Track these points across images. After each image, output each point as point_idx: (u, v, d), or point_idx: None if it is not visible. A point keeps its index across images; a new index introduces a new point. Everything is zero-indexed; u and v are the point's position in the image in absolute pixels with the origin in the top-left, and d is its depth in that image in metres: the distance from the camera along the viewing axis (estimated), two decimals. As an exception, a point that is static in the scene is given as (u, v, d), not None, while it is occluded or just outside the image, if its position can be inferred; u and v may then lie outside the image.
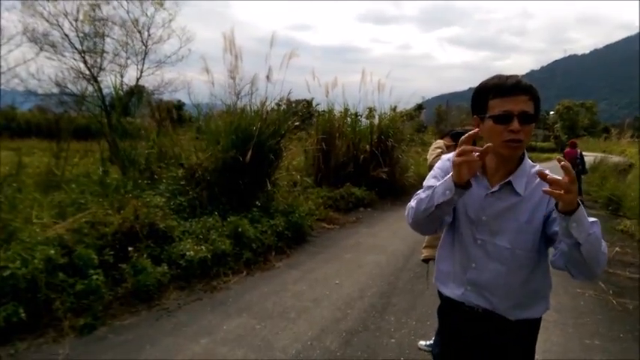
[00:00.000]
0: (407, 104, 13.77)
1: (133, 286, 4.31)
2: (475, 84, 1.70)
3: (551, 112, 62.07)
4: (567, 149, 12.90)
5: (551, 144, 47.23)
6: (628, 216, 9.16)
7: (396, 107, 12.79)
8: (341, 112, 11.66)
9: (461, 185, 1.50)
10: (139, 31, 11.43)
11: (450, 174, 1.52)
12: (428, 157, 4.50)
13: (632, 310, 4.64)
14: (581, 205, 1.36)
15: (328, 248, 6.79)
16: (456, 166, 1.47)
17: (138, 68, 11.53)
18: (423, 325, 4.10)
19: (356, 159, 11.07)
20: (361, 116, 12.31)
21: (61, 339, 3.58)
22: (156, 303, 4.37)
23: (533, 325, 1.72)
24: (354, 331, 3.97)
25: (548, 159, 34.89)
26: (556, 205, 1.38)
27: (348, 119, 11.84)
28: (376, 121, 12.05)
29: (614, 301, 4.84)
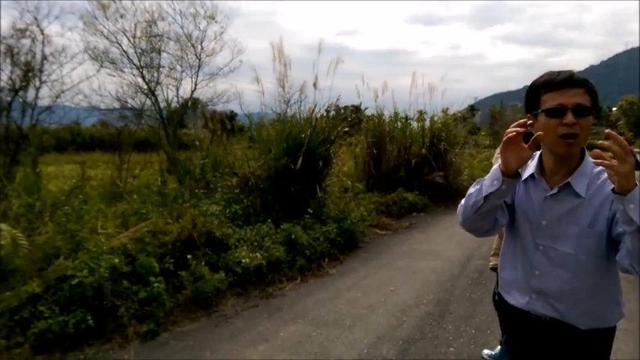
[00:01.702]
0: (460, 106, 13.48)
1: (192, 292, 4.44)
2: (530, 82, 1.65)
3: (614, 109, 58.81)
4: None
5: (614, 142, 44.63)
6: None
7: (447, 109, 12.56)
8: (391, 116, 11.57)
9: (509, 175, 1.46)
10: (193, 45, 11.80)
11: (498, 163, 1.47)
12: (493, 160, 4.35)
13: None
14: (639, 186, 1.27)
15: (381, 254, 6.72)
16: (502, 153, 1.44)
17: (192, 81, 11.91)
18: (482, 334, 3.97)
19: (407, 163, 10.92)
20: (412, 120, 12.16)
21: (126, 344, 3.73)
22: (214, 309, 4.48)
23: (606, 334, 1.62)
24: (411, 339, 3.91)
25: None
26: (612, 189, 1.31)
27: (399, 123, 11.72)
28: (427, 124, 11.86)
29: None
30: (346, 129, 8.36)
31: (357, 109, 14.85)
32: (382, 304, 4.71)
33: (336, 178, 8.25)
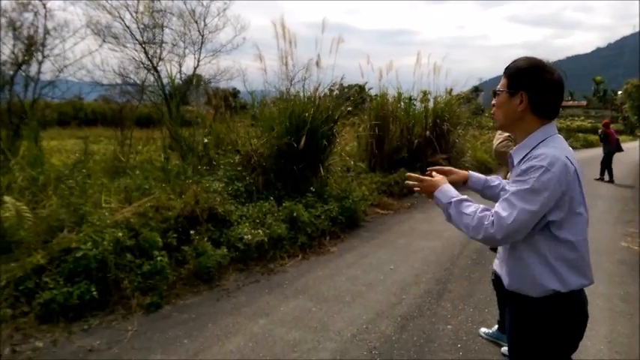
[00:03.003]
0: (463, 87, 13.37)
1: (194, 267, 4.50)
2: None
3: (619, 92, 58.24)
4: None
5: (619, 125, 44.28)
6: None
7: (451, 90, 12.46)
8: (394, 96, 11.49)
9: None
10: (196, 21, 11.68)
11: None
12: (494, 142, 4.34)
13: None
14: (436, 193, 1.79)
15: (382, 233, 6.77)
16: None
17: (195, 57, 11.81)
18: (480, 313, 4.03)
19: (410, 144, 10.89)
20: (415, 100, 12.08)
21: (129, 316, 3.81)
22: (216, 284, 4.55)
23: (527, 301, 1.71)
24: (410, 316, 3.97)
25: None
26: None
27: (402, 103, 11.65)
28: (431, 104, 11.79)
29: (689, 292, 4.55)
30: (350, 108, 8.32)
31: (361, 88, 14.76)
32: (382, 282, 4.77)
33: (338, 157, 8.25)
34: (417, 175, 1.90)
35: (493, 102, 1.80)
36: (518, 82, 1.69)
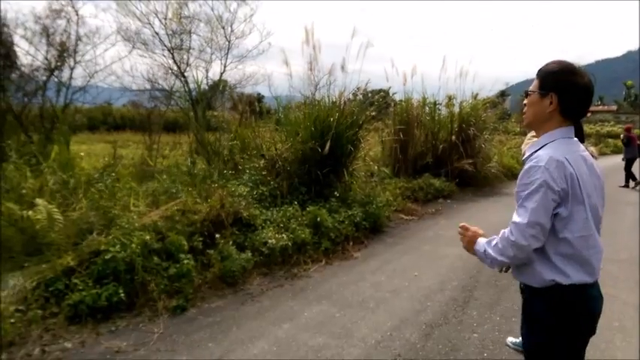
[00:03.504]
0: (490, 91, 13.20)
1: (219, 271, 4.55)
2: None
3: (650, 96, 56.62)
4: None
5: (651, 131, 43.04)
6: None
7: (477, 94, 12.31)
8: (419, 100, 11.41)
9: None
10: (223, 27, 11.82)
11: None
12: (523, 147, 4.26)
13: None
14: (478, 248, 1.85)
15: (406, 239, 6.71)
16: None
17: (222, 63, 11.95)
18: (507, 321, 3.94)
19: (435, 149, 10.81)
20: (440, 105, 11.98)
21: (155, 318, 3.86)
22: (241, 288, 4.58)
23: (532, 292, 1.79)
24: (435, 323, 3.91)
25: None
26: None
27: (427, 108, 11.56)
28: (456, 109, 11.67)
29: None
30: (374, 113, 8.30)
31: (385, 93, 14.71)
32: (406, 289, 4.72)
33: (362, 162, 8.24)
34: (466, 226, 1.95)
35: (525, 102, 1.85)
36: (549, 84, 1.74)
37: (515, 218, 1.68)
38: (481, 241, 1.86)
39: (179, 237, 4.46)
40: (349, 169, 7.43)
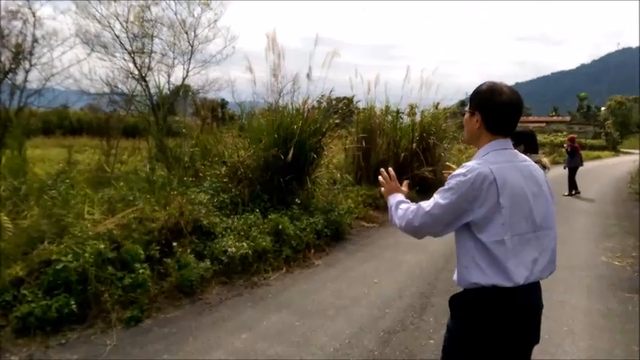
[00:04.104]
0: (450, 101, 13.52)
1: (177, 280, 4.46)
2: (523, 79, 1.82)
3: (602, 108, 59.29)
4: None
5: (602, 141, 45.01)
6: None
7: (438, 104, 12.58)
8: (382, 109, 11.57)
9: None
10: (186, 32, 11.71)
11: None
12: None
13: (686, 317, 4.40)
14: (391, 200, 2.06)
15: (367, 247, 6.78)
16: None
17: (184, 68, 11.82)
18: (463, 327, 4.03)
19: (397, 157, 10.96)
20: (403, 114, 12.18)
21: (108, 330, 3.75)
22: (199, 297, 4.51)
23: (462, 293, 1.88)
24: (393, 330, 3.96)
25: (598, 157, 33.36)
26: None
27: (389, 117, 11.73)
28: (418, 118, 11.89)
29: (666, 307, 4.60)
30: (337, 121, 8.37)
31: (349, 101, 14.85)
32: (366, 296, 4.77)
33: (325, 169, 8.28)
34: (388, 176, 2.18)
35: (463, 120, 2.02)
36: (475, 104, 1.90)
37: (423, 204, 1.86)
38: (397, 197, 2.07)
39: (135, 246, 4.36)
40: (312, 177, 7.45)
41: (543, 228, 1.81)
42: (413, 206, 1.93)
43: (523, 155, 1.92)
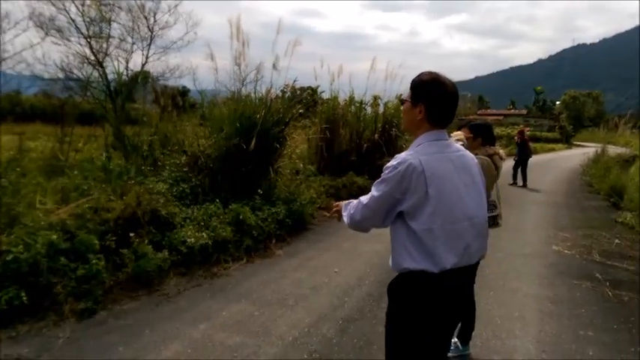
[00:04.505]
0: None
1: (133, 271, 4.38)
2: (482, 73, 1.86)
3: (557, 102, 61.45)
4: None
5: (556, 134, 46.67)
6: (629, 208, 9.11)
7: (401, 95, 12.69)
8: (345, 100, 11.61)
9: None
10: (145, 17, 11.38)
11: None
12: None
13: (627, 301, 4.65)
14: (343, 211, 2.19)
15: (328, 236, 6.83)
16: None
17: (143, 54, 11.50)
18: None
19: (359, 147, 11.05)
20: (367, 105, 12.25)
21: (61, 322, 3.65)
22: (156, 288, 4.44)
23: (397, 277, 1.99)
24: (351, 318, 4.02)
25: (553, 150, 34.61)
26: None
27: (353, 107, 11.78)
28: (381, 109, 11.99)
29: (609, 293, 4.85)
30: (301, 111, 8.35)
31: (313, 91, 14.82)
32: (326, 285, 4.81)
33: (288, 159, 8.25)
34: (334, 205, 2.37)
35: (402, 108, 2.04)
36: (418, 95, 1.91)
37: (363, 197, 1.99)
38: (341, 204, 2.25)
39: (90, 236, 4.24)
40: (274, 167, 7.41)
41: (476, 216, 1.91)
42: (355, 202, 2.05)
43: (457, 146, 1.99)
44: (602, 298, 4.74)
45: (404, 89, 12.51)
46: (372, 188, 1.92)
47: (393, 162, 1.85)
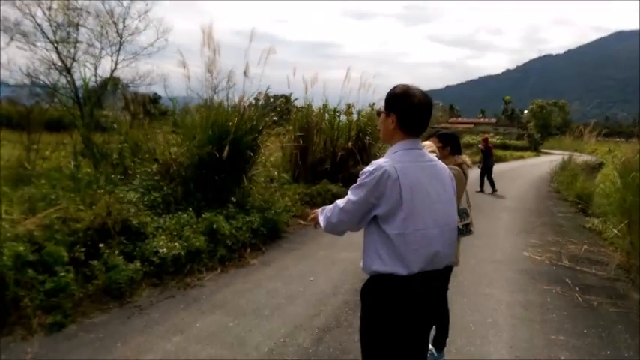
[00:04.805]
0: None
1: (104, 283, 4.27)
2: (452, 82, 1.91)
3: (525, 111, 63.10)
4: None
5: (524, 142, 47.93)
6: (596, 214, 9.40)
7: (374, 104, 12.85)
8: (319, 108, 11.66)
9: None
10: (114, 22, 11.21)
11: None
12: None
13: (596, 306, 4.79)
14: (320, 217, 2.19)
15: (303, 245, 6.82)
16: None
17: (112, 60, 11.31)
18: (394, 322, 4.15)
19: (334, 155, 11.10)
20: (340, 113, 12.33)
21: (29, 337, 3.53)
22: (128, 300, 4.34)
23: (368, 279, 2.05)
24: (327, 327, 4.02)
25: (521, 157, 35.49)
26: None
27: (327, 115, 11.85)
28: (355, 117, 12.09)
29: (579, 298, 4.99)
30: (275, 119, 8.34)
31: (287, 99, 14.82)
32: (301, 294, 4.80)
33: (262, 167, 8.21)
34: (311, 212, 2.37)
35: (378, 119, 2.14)
36: (390, 106, 2.03)
37: (340, 201, 2.04)
38: (317, 211, 2.26)
39: (58, 247, 4.12)
40: (248, 175, 7.37)
41: (446, 224, 1.98)
42: (331, 206, 2.10)
43: (430, 156, 2.07)
44: (572, 303, 4.86)
45: (377, 98, 12.66)
46: (349, 192, 1.97)
47: (369, 167, 1.91)
